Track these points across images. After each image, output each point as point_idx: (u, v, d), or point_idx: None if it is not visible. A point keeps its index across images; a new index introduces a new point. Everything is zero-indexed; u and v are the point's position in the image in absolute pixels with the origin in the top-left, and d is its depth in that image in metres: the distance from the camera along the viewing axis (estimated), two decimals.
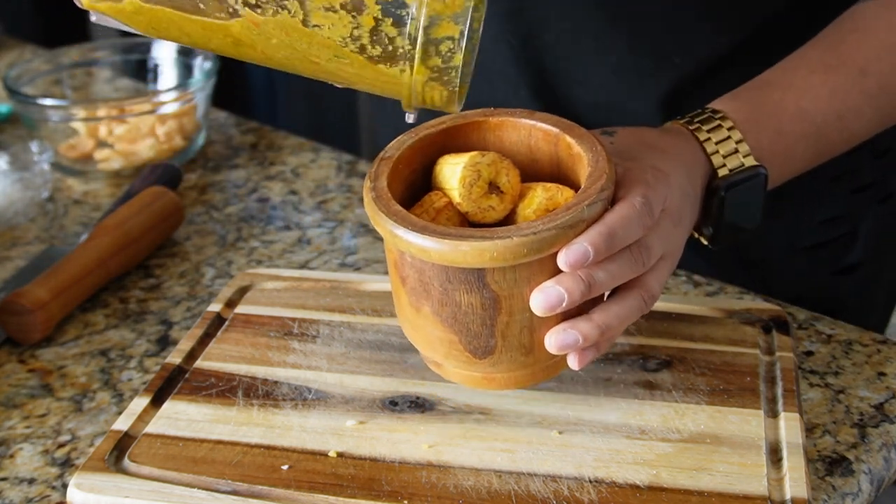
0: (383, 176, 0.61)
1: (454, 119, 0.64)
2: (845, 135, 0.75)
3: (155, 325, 0.79)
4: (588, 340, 0.59)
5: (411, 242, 0.57)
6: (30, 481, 0.64)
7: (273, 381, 0.68)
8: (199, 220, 0.95)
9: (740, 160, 0.69)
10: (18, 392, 0.72)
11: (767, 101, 0.72)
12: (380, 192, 0.60)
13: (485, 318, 0.59)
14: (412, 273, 0.59)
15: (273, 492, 0.59)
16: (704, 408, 0.64)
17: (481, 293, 0.58)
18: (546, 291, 0.58)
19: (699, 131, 0.69)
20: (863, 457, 0.63)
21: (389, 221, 0.58)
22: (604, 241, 0.57)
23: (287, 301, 0.77)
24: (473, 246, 0.56)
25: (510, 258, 0.56)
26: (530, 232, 0.56)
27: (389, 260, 0.61)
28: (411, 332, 0.63)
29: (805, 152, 0.74)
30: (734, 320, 0.73)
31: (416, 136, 0.63)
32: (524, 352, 0.60)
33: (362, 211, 0.96)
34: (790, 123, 0.72)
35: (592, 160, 0.60)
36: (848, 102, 0.74)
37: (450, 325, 0.59)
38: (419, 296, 0.60)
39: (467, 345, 0.60)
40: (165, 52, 1.17)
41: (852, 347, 0.73)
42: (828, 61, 0.74)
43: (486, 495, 0.58)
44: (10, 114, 1.18)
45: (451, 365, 0.62)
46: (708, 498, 0.57)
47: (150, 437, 0.64)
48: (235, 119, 1.18)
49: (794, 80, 0.73)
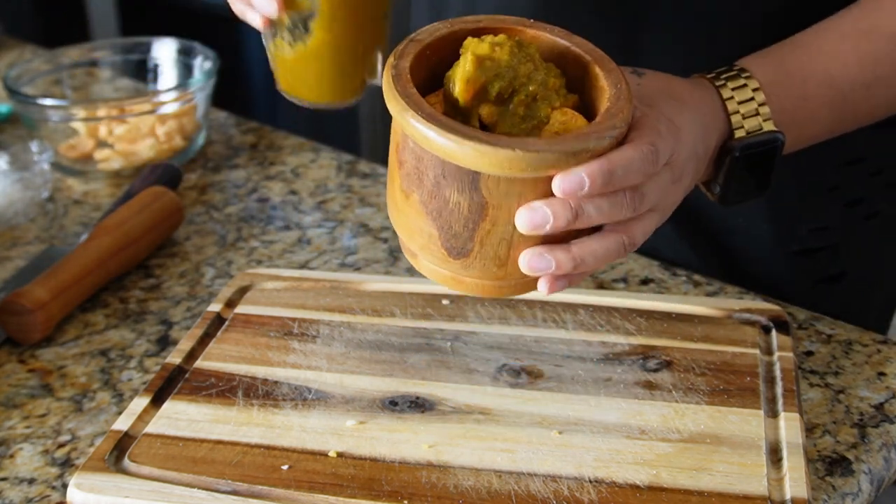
0: (408, 56, 0.60)
1: (493, 20, 0.63)
2: (871, 105, 0.74)
3: (155, 325, 0.79)
4: (560, 269, 0.59)
5: (415, 128, 0.56)
6: (30, 481, 0.64)
7: (273, 381, 0.68)
8: (199, 220, 0.95)
9: (759, 123, 0.68)
10: (18, 392, 0.72)
11: (795, 64, 0.71)
12: (400, 71, 0.58)
13: (468, 221, 0.58)
14: (410, 158, 0.59)
15: (273, 492, 0.59)
16: (704, 408, 0.64)
17: (471, 196, 0.58)
18: (533, 210, 0.58)
19: (724, 88, 0.69)
20: (863, 457, 0.63)
21: (401, 102, 0.57)
22: (601, 176, 0.57)
23: (287, 301, 0.77)
24: (474, 148, 0.55)
25: (507, 169, 0.56)
26: (534, 149, 0.56)
27: (392, 141, 0.61)
28: (396, 215, 0.62)
29: (827, 119, 0.73)
30: (734, 320, 0.73)
31: (451, 28, 0.62)
32: (498, 264, 0.60)
33: (362, 211, 0.96)
34: (816, 88, 0.71)
35: (614, 96, 0.60)
36: (878, 71, 0.73)
37: (433, 219, 0.59)
38: (412, 182, 0.59)
39: (445, 242, 0.60)
40: (165, 52, 1.17)
41: (852, 347, 0.73)
42: (860, 27, 0.73)
43: (486, 495, 0.58)
44: (10, 114, 1.18)
45: (425, 258, 0.62)
46: (708, 498, 0.57)
47: (150, 437, 0.64)
48: (235, 119, 1.18)
49: (825, 45, 0.72)
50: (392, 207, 0.63)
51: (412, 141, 0.58)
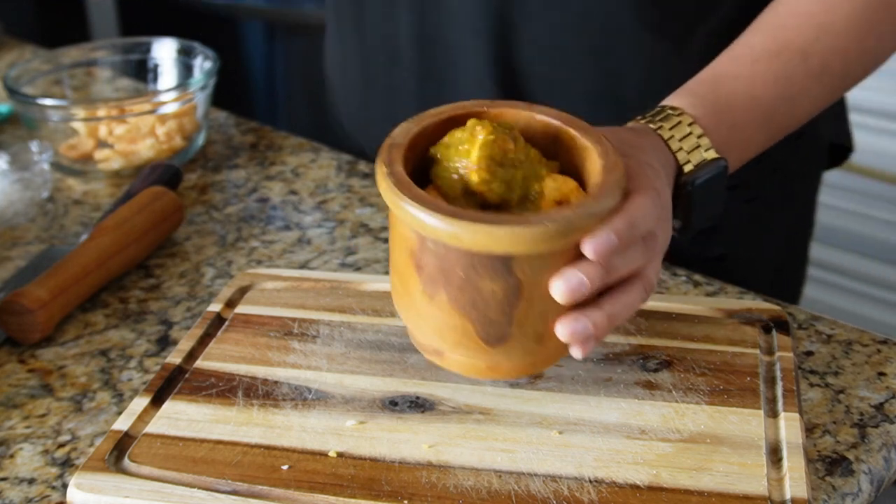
0: (398, 162, 0.60)
1: (455, 108, 0.64)
2: (795, 115, 0.78)
3: (155, 325, 0.79)
4: (598, 328, 0.59)
5: (440, 228, 0.56)
6: (30, 481, 0.64)
7: (273, 381, 0.68)
8: (199, 220, 0.95)
9: (702, 155, 0.70)
10: (18, 392, 0.72)
11: (720, 93, 0.74)
12: (399, 178, 0.59)
13: (504, 306, 0.59)
14: (432, 260, 0.58)
15: (273, 492, 0.59)
16: (704, 408, 0.64)
17: (506, 280, 0.58)
18: (568, 279, 0.58)
19: (662, 129, 0.71)
20: (863, 457, 0.63)
21: (415, 207, 0.57)
22: (626, 230, 0.59)
23: (287, 301, 0.77)
24: (508, 231, 0.56)
25: (541, 245, 0.56)
26: (562, 218, 0.56)
27: (403, 248, 0.60)
28: (417, 320, 0.62)
29: (760, 138, 0.76)
30: (734, 320, 0.73)
31: (420, 125, 0.63)
32: (536, 340, 0.60)
33: (362, 211, 0.96)
34: (743, 113, 0.74)
35: (603, 152, 0.61)
36: (795, 85, 0.76)
37: (466, 313, 0.59)
38: (437, 283, 0.59)
39: (482, 332, 0.59)
40: (165, 52, 1.17)
41: (852, 347, 0.73)
42: (770, 47, 0.76)
43: (486, 495, 0.58)
44: (10, 114, 1.18)
45: (457, 354, 0.62)
46: (708, 498, 0.57)
47: (150, 437, 0.64)
48: (235, 119, 1.18)
49: (741, 70, 0.75)
50: (411, 313, 0.62)
51: (433, 242, 0.58)
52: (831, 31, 0.77)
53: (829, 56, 0.77)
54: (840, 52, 0.77)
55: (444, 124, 0.64)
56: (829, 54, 0.77)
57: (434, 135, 0.63)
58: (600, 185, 0.59)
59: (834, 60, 0.77)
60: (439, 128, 0.64)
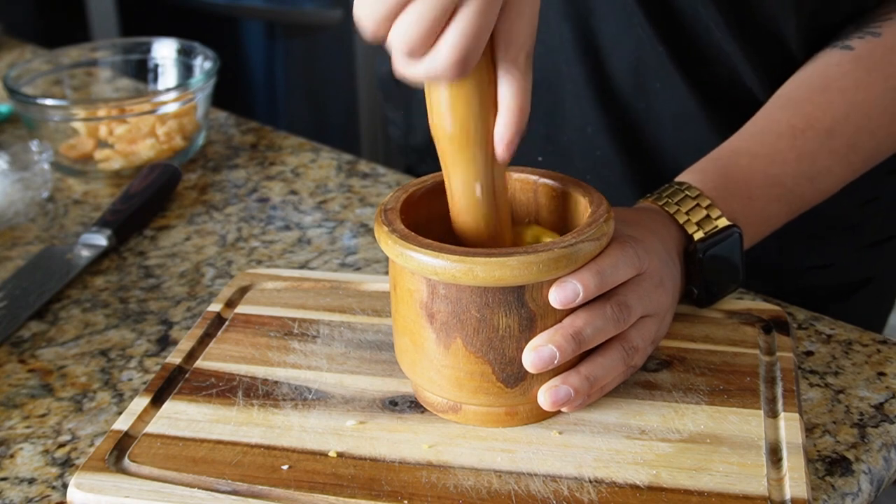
0: (397, 222, 0.62)
1: (437, 177, 0.67)
2: (817, 192, 0.77)
3: (155, 325, 0.79)
4: (578, 392, 0.61)
5: (453, 268, 0.58)
6: (30, 481, 0.64)
7: (273, 381, 0.68)
8: (199, 220, 0.95)
9: (713, 223, 0.71)
10: (18, 392, 0.72)
11: (735, 169, 0.74)
12: (404, 234, 0.61)
13: (520, 341, 0.60)
14: (444, 306, 0.60)
15: (273, 492, 0.59)
16: (704, 408, 0.64)
17: (519, 313, 0.59)
18: (539, 350, 0.60)
19: (668, 205, 0.71)
20: (863, 457, 0.63)
21: (425, 253, 0.59)
22: (594, 279, 0.60)
23: (287, 301, 0.77)
24: (520, 261, 0.58)
25: (553, 270, 0.58)
26: (567, 244, 0.59)
27: (411, 303, 0.62)
28: (432, 375, 0.63)
29: (779, 212, 0.76)
30: (734, 320, 0.73)
31: (407, 193, 0.66)
32: (552, 373, 0.62)
33: (362, 211, 0.96)
34: (760, 189, 0.74)
35: (595, 202, 0.64)
36: (817, 164, 0.75)
37: (483, 354, 0.60)
38: (450, 330, 0.60)
39: (500, 373, 0.61)
40: (165, 52, 1.17)
41: (852, 347, 0.73)
42: (794, 124, 0.75)
43: (486, 495, 0.58)
44: (10, 114, 1.18)
45: (475, 402, 0.63)
46: (708, 498, 0.57)
47: (150, 437, 0.64)
48: (235, 119, 1.18)
49: (762, 148, 0.74)
50: (424, 369, 0.63)
51: (445, 286, 0.59)
52: (863, 110, 0.75)
53: (858, 136, 0.75)
54: (871, 132, 0.76)
55: (429, 190, 0.67)
56: (857, 135, 0.75)
57: (423, 198, 0.66)
58: (591, 215, 0.62)
59: (863, 139, 0.75)
60: (426, 193, 0.67)
